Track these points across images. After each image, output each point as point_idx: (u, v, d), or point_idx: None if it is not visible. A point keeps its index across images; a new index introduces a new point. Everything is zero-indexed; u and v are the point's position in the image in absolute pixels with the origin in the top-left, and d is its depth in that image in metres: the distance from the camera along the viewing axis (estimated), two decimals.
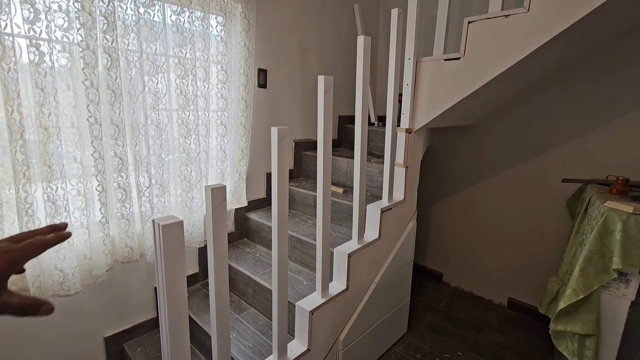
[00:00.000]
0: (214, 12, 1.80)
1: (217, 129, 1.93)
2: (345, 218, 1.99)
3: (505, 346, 2.01)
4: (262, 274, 1.81)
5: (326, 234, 1.40)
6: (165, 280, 0.80)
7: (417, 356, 1.91)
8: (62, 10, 1.30)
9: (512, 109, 2.22)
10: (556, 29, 1.29)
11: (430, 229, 2.78)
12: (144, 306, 1.81)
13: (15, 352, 1.42)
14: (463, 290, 2.63)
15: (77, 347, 1.59)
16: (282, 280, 1.20)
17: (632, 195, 1.49)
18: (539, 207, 2.19)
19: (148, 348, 1.71)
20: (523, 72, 1.65)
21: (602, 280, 1.30)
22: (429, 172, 2.66)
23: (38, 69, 1.25)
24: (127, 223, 1.58)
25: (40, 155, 1.30)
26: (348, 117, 2.82)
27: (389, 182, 1.75)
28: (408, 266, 2.00)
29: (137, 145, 1.57)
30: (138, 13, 1.49)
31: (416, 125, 1.77)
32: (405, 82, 1.73)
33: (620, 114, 1.85)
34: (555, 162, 2.10)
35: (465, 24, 1.53)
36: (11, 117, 1.20)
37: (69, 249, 1.40)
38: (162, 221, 0.78)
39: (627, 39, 1.79)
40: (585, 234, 1.51)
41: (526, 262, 2.28)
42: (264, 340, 1.57)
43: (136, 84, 1.53)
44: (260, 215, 2.20)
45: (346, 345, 1.59)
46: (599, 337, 1.35)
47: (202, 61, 1.77)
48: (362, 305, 1.65)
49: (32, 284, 1.34)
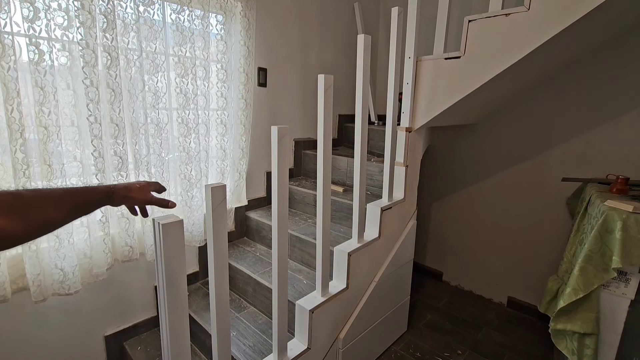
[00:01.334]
0: (214, 10, 1.79)
1: (217, 127, 1.93)
2: (345, 217, 1.99)
3: (505, 345, 2.01)
4: (262, 272, 1.82)
5: (326, 232, 1.40)
6: (165, 279, 0.80)
7: (416, 355, 1.92)
8: (61, 8, 1.30)
9: (513, 108, 2.22)
10: (556, 27, 1.28)
11: (430, 228, 2.78)
12: (144, 305, 1.81)
13: (16, 351, 1.42)
14: (463, 289, 2.63)
15: (78, 346, 1.59)
16: (282, 279, 1.21)
17: (632, 194, 1.48)
18: (539, 206, 2.19)
19: (148, 347, 1.71)
20: (523, 71, 1.65)
21: (602, 279, 1.30)
22: (429, 171, 2.66)
23: (38, 67, 1.25)
24: (127, 222, 1.58)
25: (40, 154, 1.30)
26: (348, 116, 2.82)
27: (389, 181, 1.75)
28: (408, 265, 2.00)
29: (137, 144, 1.57)
30: (138, 12, 1.49)
31: (416, 124, 1.77)
32: (406, 81, 1.72)
33: (620, 113, 1.85)
34: (555, 161, 2.10)
35: (465, 23, 1.52)
36: (11, 115, 1.20)
37: (69, 247, 1.40)
38: (162, 220, 0.78)
39: (627, 38, 1.79)
40: (585, 233, 1.51)
41: (526, 261, 2.28)
42: (264, 339, 1.57)
43: (136, 83, 1.53)
44: (260, 214, 2.20)
45: (346, 344, 1.59)
46: (599, 335, 1.35)
47: (202, 60, 1.77)
48: (362, 304, 1.66)
49: (32, 283, 1.34)
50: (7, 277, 1.29)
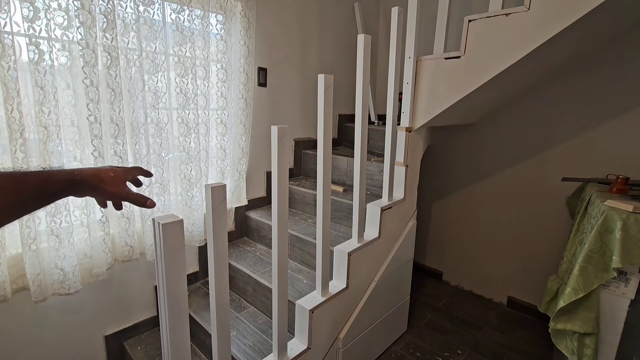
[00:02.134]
0: (214, 10, 1.79)
1: (217, 127, 1.93)
2: (345, 217, 1.99)
3: (505, 345, 2.01)
4: (262, 272, 1.82)
5: (326, 232, 1.40)
6: (165, 279, 0.80)
7: (416, 355, 1.92)
8: (61, 8, 1.30)
9: (513, 108, 2.22)
10: (557, 27, 1.28)
11: (430, 228, 2.78)
12: (144, 305, 1.81)
13: (16, 351, 1.42)
14: (463, 289, 2.63)
15: (78, 346, 1.59)
16: (282, 278, 1.21)
17: (632, 194, 1.48)
18: (539, 206, 2.19)
19: (148, 346, 1.71)
20: (523, 71, 1.65)
21: (602, 279, 1.30)
22: (429, 171, 2.66)
23: (38, 67, 1.25)
24: (127, 222, 1.58)
25: (40, 153, 1.30)
26: (348, 115, 2.81)
27: (389, 181, 1.75)
28: (408, 265, 2.00)
29: (137, 144, 1.57)
30: (138, 11, 1.49)
31: (416, 124, 1.77)
32: (406, 81, 1.72)
33: (620, 113, 1.85)
34: (555, 161, 2.10)
35: (465, 23, 1.52)
36: (11, 115, 1.20)
37: (69, 247, 1.40)
38: (162, 220, 0.78)
39: (627, 37, 1.79)
40: (585, 232, 1.51)
41: (526, 260, 2.28)
42: (264, 338, 1.57)
43: (136, 83, 1.53)
44: (260, 213, 2.20)
45: (346, 344, 1.59)
46: (599, 335, 1.35)
47: (202, 60, 1.77)
48: (362, 303, 1.66)
49: (33, 283, 1.34)
50: (7, 277, 1.29)
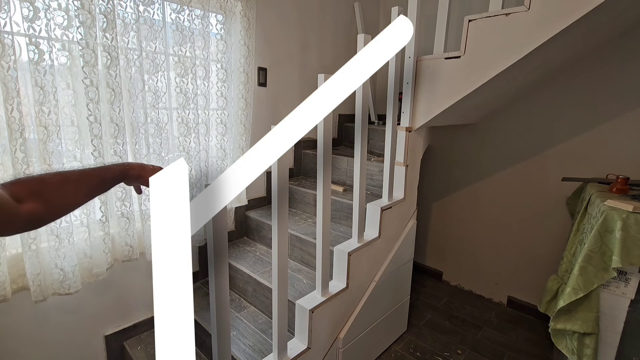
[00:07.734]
0: (214, 10, 1.79)
1: (217, 127, 1.93)
2: (345, 217, 1.99)
3: (505, 344, 2.01)
4: (262, 272, 1.82)
5: (326, 232, 1.40)
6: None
7: (416, 354, 1.92)
8: (61, 8, 1.30)
9: (512, 108, 2.22)
10: (557, 27, 1.28)
11: (430, 228, 2.78)
12: (144, 304, 1.81)
13: (16, 351, 1.42)
14: (463, 289, 2.63)
15: (78, 346, 1.59)
16: (282, 278, 1.21)
17: (632, 194, 1.48)
18: (539, 206, 2.19)
19: (148, 346, 1.71)
20: (523, 71, 1.65)
21: (602, 279, 1.30)
22: (429, 171, 2.66)
23: (37, 67, 1.25)
24: (128, 221, 1.58)
25: (40, 153, 1.30)
26: (348, 115, 2.81)
27: (389, 181, 1.75)
28: (408, 265, 2.00)
29: (137, 144, 1.57)
30: (138, 11, 1.49)
31: (416, 124, 1.77)
32: (406, 81, 1.72)
33: (620, 113, 1.85)
34: (555, 161, 2.10)
35: (465, 23, 1.52)
36: (11, 115, 1.20)
37: (69, 247, 1.40)
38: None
39: (627, 37, 1.79)
40: (585, 232, 1.51)
41: (526, 260, 2.28)
42: (264, 338, 1.57)
43: (136, 83, 1.53)
44: (260, 213, 2.20)
45: (346, 344, 1.59)
46: (599, 335, 1.35)
47: (202, 59, 1.77)
48: (362, 303, 1.66)
49: (33, 282, 1.34)
50: (7, 277, 1.29)
